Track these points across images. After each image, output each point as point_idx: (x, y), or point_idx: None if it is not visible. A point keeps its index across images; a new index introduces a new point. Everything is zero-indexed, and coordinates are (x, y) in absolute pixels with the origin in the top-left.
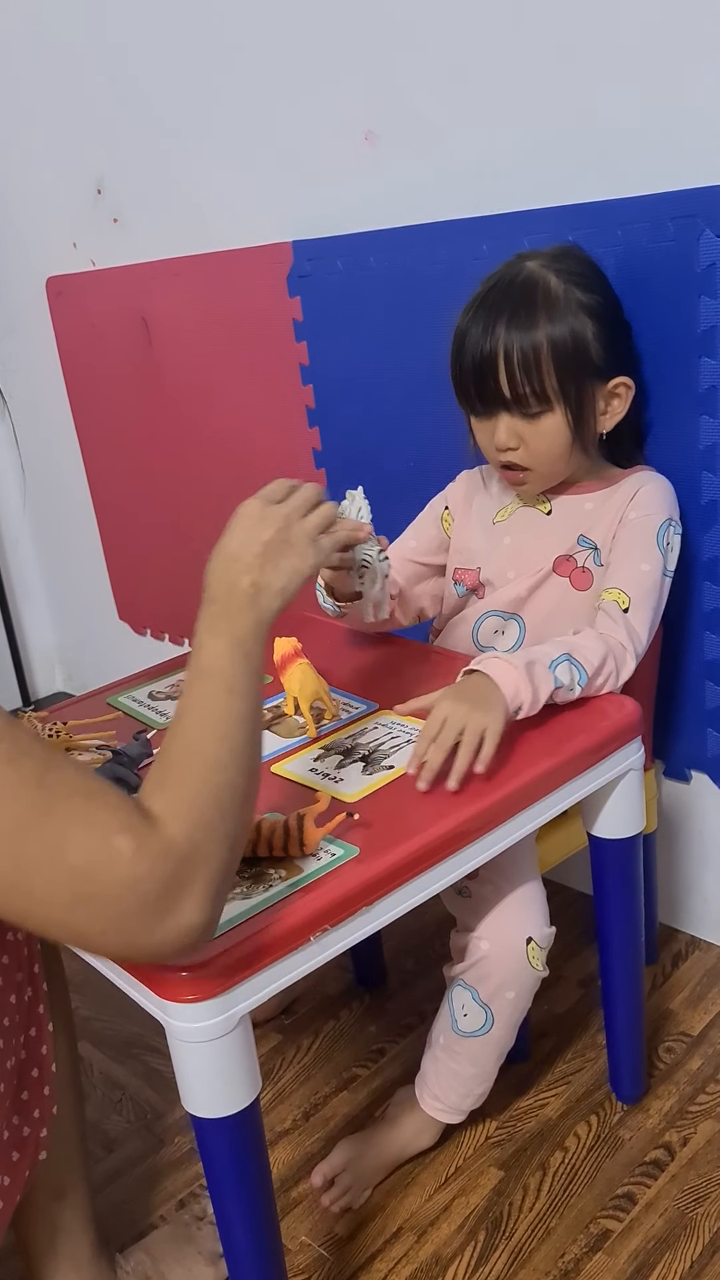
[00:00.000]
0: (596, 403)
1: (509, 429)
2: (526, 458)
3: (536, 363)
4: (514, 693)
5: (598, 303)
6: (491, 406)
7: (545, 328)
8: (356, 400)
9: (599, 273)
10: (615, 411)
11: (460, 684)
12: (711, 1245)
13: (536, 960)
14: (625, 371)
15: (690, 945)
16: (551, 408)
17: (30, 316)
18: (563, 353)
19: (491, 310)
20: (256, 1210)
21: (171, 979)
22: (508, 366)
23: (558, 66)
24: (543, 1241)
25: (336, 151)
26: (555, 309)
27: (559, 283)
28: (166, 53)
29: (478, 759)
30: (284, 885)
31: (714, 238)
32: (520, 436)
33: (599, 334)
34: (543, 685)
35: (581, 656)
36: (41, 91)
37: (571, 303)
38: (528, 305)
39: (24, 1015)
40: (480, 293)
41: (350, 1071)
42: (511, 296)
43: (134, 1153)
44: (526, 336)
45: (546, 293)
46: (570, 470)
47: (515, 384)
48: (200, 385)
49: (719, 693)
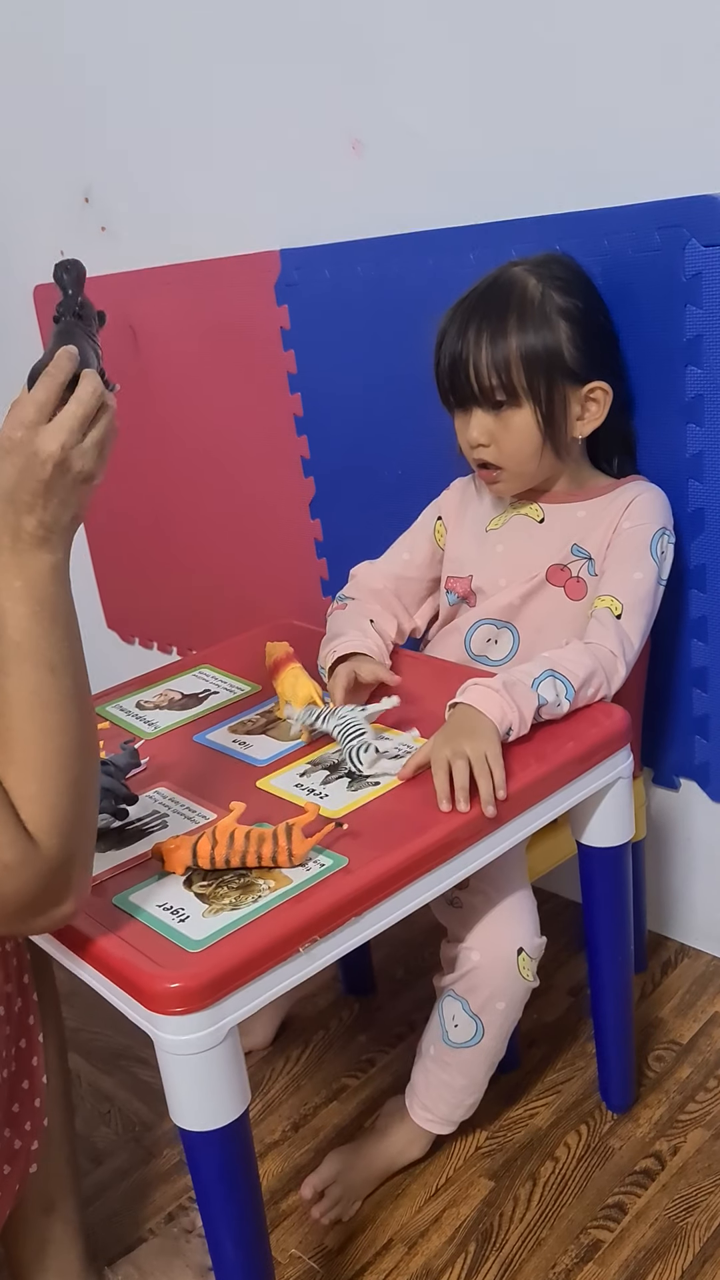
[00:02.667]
0: (569, 405)
1: (480, 425)
2: (498, 456)
3: (505, 361)
4: (500, 715)
5: (576, 307)
6: (464, 402)
7: (515, 326)
8: (344, 408)
9: (584, 279)
10: (592, 416)
11: (448, 723)
12: (702, 1255)
13: (527, 971)
14: (604, 378)
15: (679, 953)
16: (519, 403)
17: (17, 325)
18: (532, 353)
19: (469, 311)
20: (246, 1223)
21: (159, 991)
22: (475, 363)
23: (544, 76)
24: (533, 1252)
25: (324, 160)
26: (529, 309)
27: (538, 285)
28: (153, 61)
29: (495, 784)
30: (273, 896)
31: (699, 247)
32: (491, 434)
33: (574, 337)
34: (526, 704)
35: (566, 671)
36: (28, 99)
37: (548, 305)
38: (501, 306)
39: (14, 1027)
40: (463, 295)
41: (340, 1082)
42: (488, 298)
43: (122, 1165)
44: (497, 336)
45: (523, 295)
46: (545, 473)
47: (482, 379)
48: (188, 393)
49: (706, 700)
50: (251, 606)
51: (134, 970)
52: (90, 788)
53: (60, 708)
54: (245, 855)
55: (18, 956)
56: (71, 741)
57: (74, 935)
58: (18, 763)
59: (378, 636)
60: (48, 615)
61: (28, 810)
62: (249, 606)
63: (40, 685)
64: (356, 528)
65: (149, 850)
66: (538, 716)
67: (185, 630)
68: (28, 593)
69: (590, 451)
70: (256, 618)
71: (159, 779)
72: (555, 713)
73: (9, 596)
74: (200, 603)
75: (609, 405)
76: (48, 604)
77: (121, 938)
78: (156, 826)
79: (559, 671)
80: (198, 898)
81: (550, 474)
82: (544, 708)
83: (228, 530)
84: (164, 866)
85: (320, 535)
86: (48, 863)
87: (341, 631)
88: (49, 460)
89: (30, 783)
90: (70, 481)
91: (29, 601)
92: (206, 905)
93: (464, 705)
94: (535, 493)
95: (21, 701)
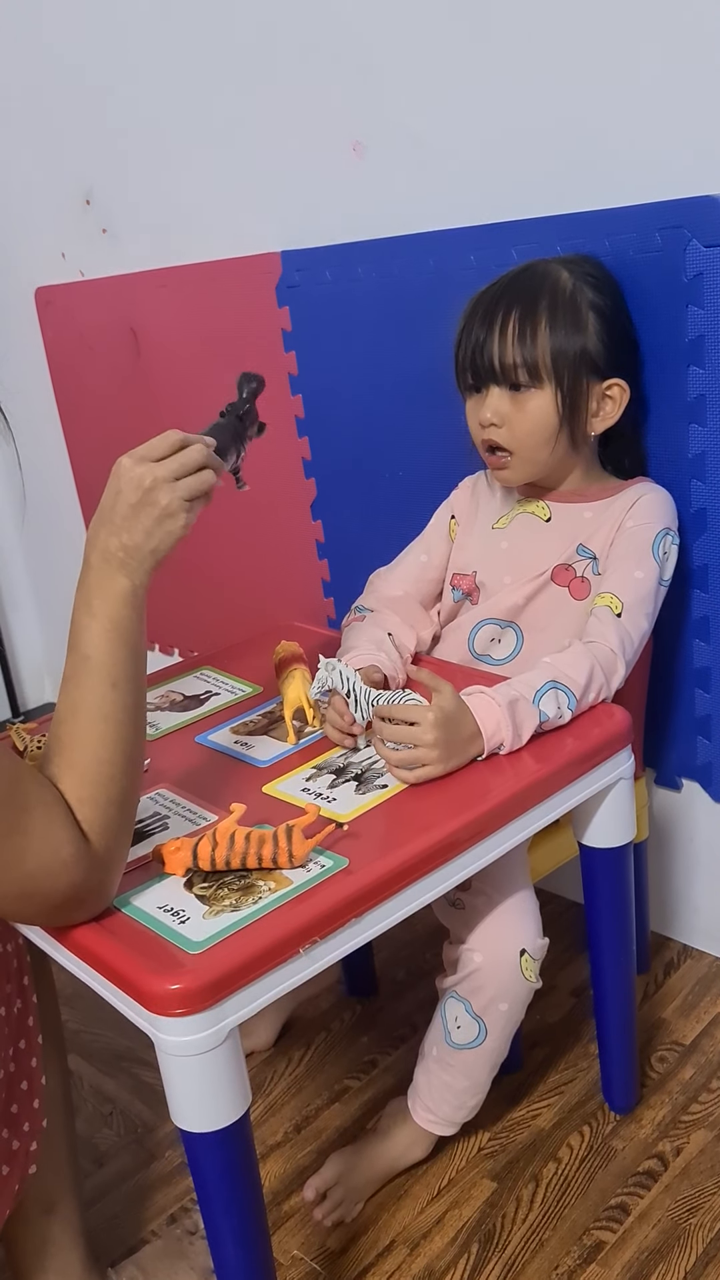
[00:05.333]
0: (589, 398)
1: (496, 404)
2: (510, 438)
3: (533, 334)
4: (493, 730)
5: (606, 304)
6: (482, 380)
7: (546, 310)
8: (345, 410)
9: (613, 282)
10: (608, 414)
11: (458, 711)
12: (705, 1256)
13: (530, 972)
14: (623, 377)
15: (682, 954)
16: (541, 384)
17: (19, 327)
18: (561, 337)
19: (496, 297)
20: (247, 1225)
21: (160, 993)
22: (501, 339)
23: (545, 78)
24: (536, 1253)
25: (325, 162)
26: (560, 298)
27: (570, 278)
28: (155, 63)
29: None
30: (273, 897)
31: (701, 248)
32: (506, 415)
33: (601, 332)
34: (526, 722)
35: (568, 680)
36: (30, 101)
37: (579, 298)
38: (533, 292)
39: (13, 1028)
40: (486, 287)
41: (342, 1083)
42: (519, 283)
43: (124, 1167)
44: (527, 316)
45: (555, 285)
46: (555, 463)
47: (506, 355)
48: (189, 395)
49: (708, 700)
50: (253, 608)
51: (135, 972)
52: (134, 796)
53: (119, 722)
54: (246, 857)
55: (18, 958)
56: (124, 754)
57: (75, 937)
58: (77, 767)
59: (394, 651)
60: (118, 635)
61: (82, 811)
62: (250, 608)
63: (103, 699)
64: (358, 529)
65: (149, 852)
66: (538, 730)
67: (187, 632)
68: (103, 611)
69: (599, 453)
70: (258, 619)
71: (160, 780)
72: (557, 724)
73: (86, 613)
74: (202, 604)
75: (624, 405)
76: (119, 624)
77: (122, 939)
78: (157, 828)
79: (561, 682)
80: (198, 899)
81: (560, 468)
82: (545, 723)
83: (229, 532)
84: (164, 868)
85: (321, 536)
86: (97, 860)
87: (355, 645)
88: (139, 487)
89: (86, 786)
90: (156, 514)
91: (103, 619)
92: (207, 907)
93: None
94: (543, 490)
95: (86, 711)
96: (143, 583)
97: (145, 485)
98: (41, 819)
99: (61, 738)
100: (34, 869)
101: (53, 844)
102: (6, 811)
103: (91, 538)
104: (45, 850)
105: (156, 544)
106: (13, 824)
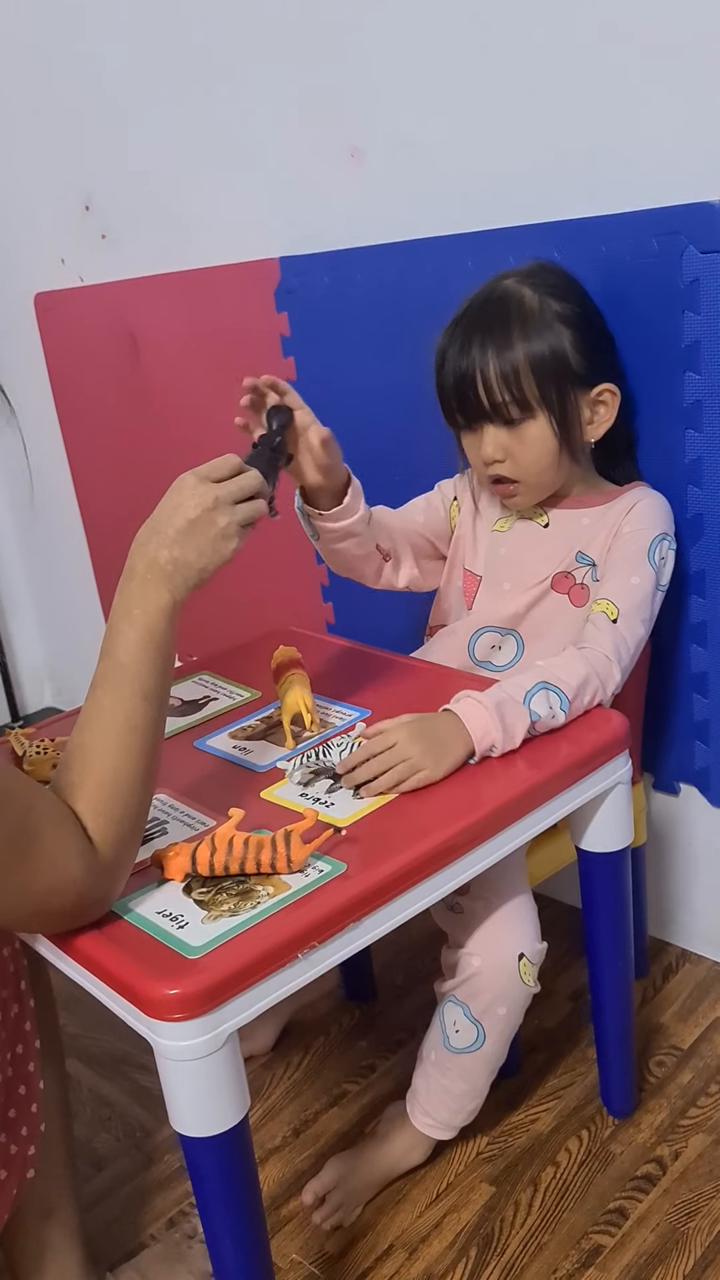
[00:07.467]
0: (581, 410)
1: (495, 441)
2: (515, 469)
3: (515, 373)
4: (482, 734)
5: (574, 312)
6: (474, 419)
7: (520, 339)
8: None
9: (575, 284)
10: (602, 419)
11: (430, 719)
12: (704, 1260)
13: (528, 976)
14: (610, 380)
15: (681, 958)
16: (534, 415)
17: (18, 332)
18: (540, 361)
19: (469, 327)
20: (246, 1229)
21: (159, 998)
22: (484, 379)
23: (542, 84)
24: (534, 1257)
25: (323, 168)
26: (531, 321)
27: (534, 295)
28: (154, 69)
29: (396, 788)
30: (271, 902)
31: (697, 254)
32: (506, 448)
33: (577, 342)
34: (517, 723)
35: (559, 681)
36: (29, 107)
37: (547, 313)
38: (503, 320)
39: (10, 1032)
40: (458, 312)
41: (340, 1088)
42: (488, 312)
43: (123, 1171)
44: (503, 349)
45: (520, 305)
46: (561, 480)
47: (494, 394)
48: (188, 400)
49: (706, 705)
50: (252, 613)
51: (133, 977)
52: (146, 811)
53: (144, 734)
54: (244, 861)
55: (14, 963)
56: (145, 768)
57: (73, 942)
58: (96, 775)
59: None
60: (154, 646)
61: (95, 822)
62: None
63: (133, 710)
64: None
65: (149, 857)
66: (532, 731)
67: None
68: (143, 621)
69: (594, 459)
70: (256, 624)
71: (159, 785)
72: (551, 725)
73: (126, 619)
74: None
75: (618, 406)
76: (156, 637)
77: (121, 944)
78: (156, 833)
79: (552, 683)
80: (197, 904)
81: (564, 482)
82: (538, 723)
83: None
84: (163, 873)
85: None
86: (105, 871)
87: None
88: (201, 504)
89: (103, 798)
90: (213, 534)
91: (141, 629)
92: (206, 911)
93: (451, 714)
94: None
95: (114, 720)
96: (182, 599)
97: (208, 504)
98: (52, 843)
99: (85, 744)
100: (42, 890)
101: (62, 864)
102: (20, 839)
103: (140, 546)
104: (54, 872)
105: (206, 563)
106: (25, 850)
